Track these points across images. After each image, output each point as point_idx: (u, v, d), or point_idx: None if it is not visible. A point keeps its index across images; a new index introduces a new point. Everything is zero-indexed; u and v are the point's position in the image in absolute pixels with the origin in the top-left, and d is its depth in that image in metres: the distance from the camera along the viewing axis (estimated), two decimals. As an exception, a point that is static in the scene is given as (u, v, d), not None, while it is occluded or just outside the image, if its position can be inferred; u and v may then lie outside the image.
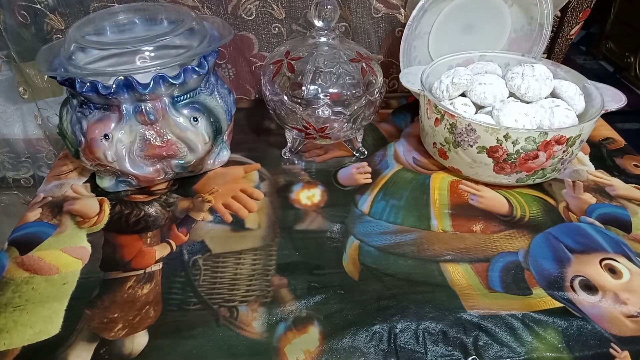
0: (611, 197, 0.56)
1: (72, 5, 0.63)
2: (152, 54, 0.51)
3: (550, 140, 0.50)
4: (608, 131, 0.69)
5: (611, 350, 0.39)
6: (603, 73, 1.88)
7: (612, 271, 0.46)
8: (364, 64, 0.56)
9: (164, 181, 0.57)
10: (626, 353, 0.39)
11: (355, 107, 0.55)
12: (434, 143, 0.59)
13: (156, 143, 0.50)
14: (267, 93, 0.57)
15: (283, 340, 0.40)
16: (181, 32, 0.52)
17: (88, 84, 0.46)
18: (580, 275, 0.45)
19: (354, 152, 0.64)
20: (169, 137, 0.51)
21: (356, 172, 0.60)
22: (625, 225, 0.52)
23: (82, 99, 0.48)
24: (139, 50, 0.51)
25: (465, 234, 0.51)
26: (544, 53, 0.72)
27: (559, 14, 0.72)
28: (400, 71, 0.62)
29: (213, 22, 0.57)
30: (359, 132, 0.62)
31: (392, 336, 0.40)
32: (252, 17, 0.69)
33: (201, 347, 0.39)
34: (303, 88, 0.54)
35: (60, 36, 0.65)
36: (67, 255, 0.48)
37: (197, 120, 0.52)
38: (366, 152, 0.63)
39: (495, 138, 0.51)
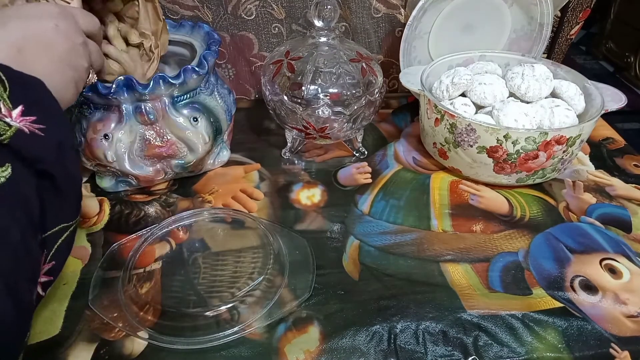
0: (611, 197, 0.56)
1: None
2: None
3: (550, 140, 0.50)
4: (608, 131, 0.69)
5: (611, 351, 0.39)
6: (603, 73, 1.88)
7: (612, 271, 0.46)
8: (364, 64, 0.56)
9: (164, 181, 0.57)
10: (626, 353, 0.39)
11: (355, 107, 0.55)
12: (434, 143, 0.59)
13: (156, 143, 0.50)
14: (267, 93, 0.57)
15: (283, 340, 0.40)
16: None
17: (88, 84, 0.46)
18: (580, 275, 0.45)
19: (354, 152, 0.64)
20: (168, 137, 0.51)
21: (356, 172, 0.60)
22: (625, 225, 0.52)
23: (82, 99, 0.48)
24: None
25: (465, 234, 0.51)
26: (544, 53, 0.72)
27: (559, 14, 0.72)
28: (400, 71, 0.62)
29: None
30: (359, 132, 0.62)
31: (392, 336, 0.40)
32: (252, 17, 0.69)
33: (201, 347, 0.39)
34: (303, 88, 0.54)
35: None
36: (67, 255, 0.48)
37: (197, 120, 0.52)
38: (366, 152, 0.63)
39: (495, 138, 0.51)
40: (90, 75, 0.40)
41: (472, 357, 0.38)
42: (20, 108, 0.28)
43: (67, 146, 0.31)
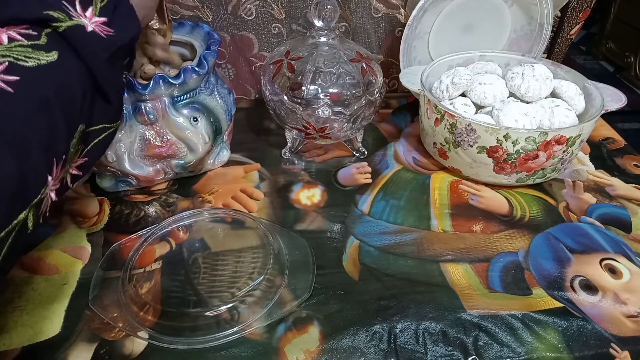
0: (611, 197, 0.56)
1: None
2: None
3: (550, 140, 0.50)
4: (608, 131, 0.69)
5: (611, 350, 0.39)
6: (603, 73, 1.88)
7: (612, 271, 0.46)
8: (364, 64, 0.56)
9: (164, 181, 0.57)
10: (626, 353, 0.39)
11: (355, 107, 0.55)
12: (434, 143, 0.59)
13: (156, 143, 0.50)
14: (267, 93, 0.57)
15: (283, 340, 0.40)
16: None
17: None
18: (580, 275, 0.45)
19: (354, 152, 0.64)
20: (168, 137, 0.51)
21: (356, 172, 0.60)
22: (625, 225, 0.52)
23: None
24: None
25: (465, 234, 0.51)
26: (544, 53, 0.72)
27: (559, 14, 0.72)
28: (400, 71, 0.62)
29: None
30: (359, 132, 0.62)
31: (392, 336, 0.40)
32: (252, 17, 0.69)
33: (201, 347, 0.39)
34: (303, 88, 0.54)
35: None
36: (67, 255, 0.48)
37: (197, 120, 0.52)
38: (366, 152, 0.63)
39: (495, 138, 0.51)
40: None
41: (472, 357, 0.38)
42: (104, 19, 0.31)
43: (121, 56, 0.34)
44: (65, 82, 0.29)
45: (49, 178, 0.29)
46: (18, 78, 0.27)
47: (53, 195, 0.30)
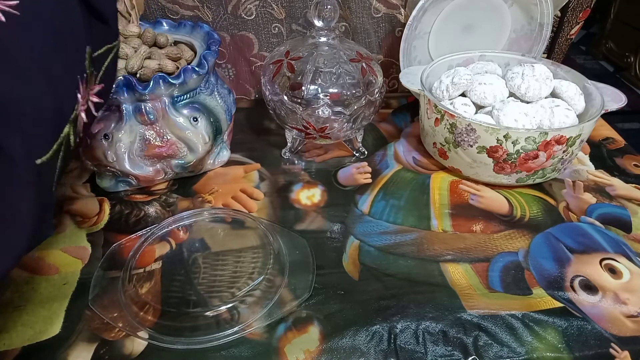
0: (611, 197, 0.56)
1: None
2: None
3: (550, 140, 0.50)
4: (608, 131, 0.69)
5: (611, 350, 0.39)
6: (603, 73, 1.88)
7: (612, 271, 0.46)
8: (364, 64, 0.56)
9: (164, 181, 0.57)
10: (626, 353, 0.39)
11: (355, 107, 0.55)
12: (434, 143, 0.59)
13: (156, 143, 0.50)
14: (267, 93, 0.57)
15: (283, 340, 0.40)
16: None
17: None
18: (580, 275, 0.45)
19: (354, 152, 0.64)
20: (168, 137, 0.51)
21: (356, 172, 0.60)
22: (625, 225, 0.52)
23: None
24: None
25: (465, 234, 0.51)
26: (544, 53, 0.72)
27: (559, 13, 0.72)
28: (400, 71, 0.62)
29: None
30: (359, 132, 0.62)
31: (392, 336, 0.40)
32: (252, 17, 0.69)
33: (201, 347, 0.39)
34: (303, 88, 0.54)
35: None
36: (67, 255, 0.48)
37: (197, 120, 0.52)
38: (366, 152, 0.63)
39: (495, 138, 0.51)
40: None
41: (472, 357, 0.38)
42: None
43: None
44: (62, 3, 0.29)
45: (79, 95, 0.30)
46: (17, 1, 0.25)
47: (84, 115, 0.31)
